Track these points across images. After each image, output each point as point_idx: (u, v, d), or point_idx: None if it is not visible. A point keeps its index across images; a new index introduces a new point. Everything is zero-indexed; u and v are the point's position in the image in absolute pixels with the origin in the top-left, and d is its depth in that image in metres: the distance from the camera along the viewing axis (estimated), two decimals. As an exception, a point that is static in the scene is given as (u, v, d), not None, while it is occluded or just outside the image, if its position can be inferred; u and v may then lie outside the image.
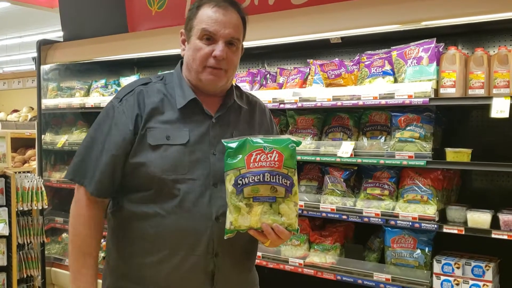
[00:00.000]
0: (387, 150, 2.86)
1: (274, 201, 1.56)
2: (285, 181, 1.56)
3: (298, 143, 1.61)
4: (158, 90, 1.75)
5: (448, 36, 3.02)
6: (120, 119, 1.69)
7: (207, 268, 1.69)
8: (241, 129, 1.76)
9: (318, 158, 3.07)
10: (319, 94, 3.05)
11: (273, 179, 1.55)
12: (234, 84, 1.90)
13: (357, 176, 3.19)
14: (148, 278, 1.69)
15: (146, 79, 1.80)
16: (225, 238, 1.58)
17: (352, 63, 3.16)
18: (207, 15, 1.68)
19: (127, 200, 1.71)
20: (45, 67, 4.56)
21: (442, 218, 2.77)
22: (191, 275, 1.68)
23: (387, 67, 2.95)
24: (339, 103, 2.96)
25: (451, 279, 2.67)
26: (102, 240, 4.58)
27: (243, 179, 1.55)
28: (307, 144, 3.15)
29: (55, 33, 10.10)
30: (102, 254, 4.26)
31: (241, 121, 1.82)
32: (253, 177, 1.55)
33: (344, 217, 2.97)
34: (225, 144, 1.59)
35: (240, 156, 1.56)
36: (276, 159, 1.56)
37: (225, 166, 1.58)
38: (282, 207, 1.57)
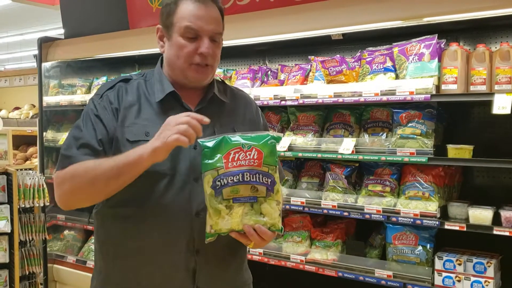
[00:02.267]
0: (388, 147, 2.85)
1: (255, 201, 1.50)
2: (266, 179, 1.50)
3: (278, 139, 1.55)
4: (138, 86, 1.74)
5: (449, 32, 3.01)
6: (103, 114, 1.67)
7: (188, 265, 1.66)
8: (223, 123, 1.73)
9: (319, 155, 3.06)
10: (320, 90, 3.04)
11: (253, 178, 1.49)
12: (218, 79, 1.89)
13: (359, 173, 3.18)
14: (130, 278, 1.67)
15: (128, 76, 1.79)
16: (205, 242, 1.54)
17: (353, 60, 3.15)
18: (189, 11, 1.65)
19: (107, 198, 1.68)
20: (46, 65, 4.56)
21: (444, 214, 2.77)
22: (172, 273, 1.65)
23: (389, 64, 2.95)
24: (340, 99, 2.96)
25: (453, 275, 2.67)
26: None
27: (221, 180, 1.49)
28: (308, 141, 3.15)
29: (56, 30, 10.12)
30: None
31: (223, 114, 1.79)
32: (232, 177, 1.48)
33: (346, 213, 2.97)
34: (201, 143, 1.53)
35: (218, 155, 1.51)
36: (255, 157, 1.49)
37: (202, 167, 1.53)
38: (264, 206, 1.51)
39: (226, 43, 1.89)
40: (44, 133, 4.52)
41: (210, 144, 1.52)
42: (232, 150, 1.50)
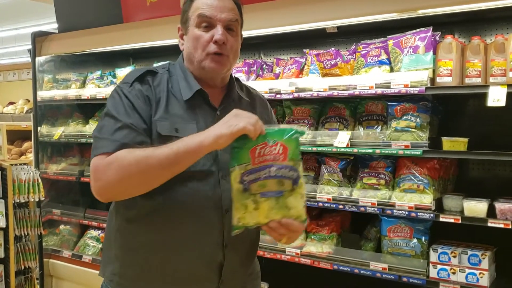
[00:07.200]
0: (383, 140, 2.85)
1: (281, 195, 1.52)
2: (292, 173, 1.52)
3: (302, 133, 1.57)
4: (166, 81, 1.72)
5: (444, 24, 3.00)
6: (136, 102, 1.63)
7: (216, 259, 1.68)
8: None
9: (314, 149, 3.06)
10: (316, 84, 3.04)
11: (279, 173, 1.51)
12: (234, 76, 1.89)
13: (354, 166, 3.19)
14: (155, 268, 1.66)
15: (153, 69, 1.76)
16: (232, 234, 1.55)
17: (348, 53, 3.14)
18: (202, 2, 1.70)
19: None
20: (40, 59, 4.54)
21: (439, 207, 2.77)
22: (199, 266, 1.66)
23: (383, 57, 2.94)
24: (335, 93, 2.95)
25: (448, 267, 2.68)
26: (100, 232, 4.51)
27: (249, 176, 1.51)
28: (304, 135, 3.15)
29: (51, 25, 10.05)
30: (100, 246, 4.27)
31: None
32: (260, 173, 1.51)
33: (341, 206, 2.97)
34: None
35: (245, 151, 1.52)
36: (280, 152, 1.52)
37: (230, 162, 1.54)
38: (290, 200, 1.52)
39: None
40: (39, 128, 4.50)
41: (236, 142, 1.53)
42: (258, 145, 1.52)
